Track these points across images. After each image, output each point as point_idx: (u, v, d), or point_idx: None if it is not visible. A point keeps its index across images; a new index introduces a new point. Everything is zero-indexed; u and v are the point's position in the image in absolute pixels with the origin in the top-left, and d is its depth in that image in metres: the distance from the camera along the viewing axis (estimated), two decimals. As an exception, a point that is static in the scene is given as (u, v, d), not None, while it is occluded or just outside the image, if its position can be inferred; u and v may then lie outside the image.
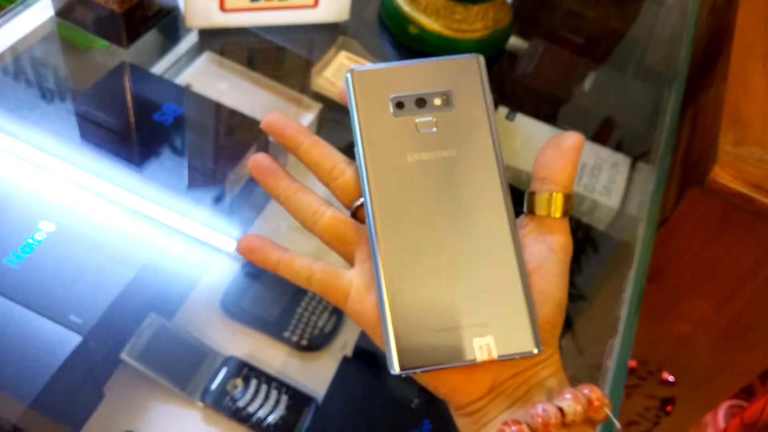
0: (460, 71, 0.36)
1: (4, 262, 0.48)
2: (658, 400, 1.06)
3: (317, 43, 0.78)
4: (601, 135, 0.81)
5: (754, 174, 0.68)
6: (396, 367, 0.32)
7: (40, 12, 0.69)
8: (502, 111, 0.78)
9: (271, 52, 0.76)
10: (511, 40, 0.86)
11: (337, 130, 0.56)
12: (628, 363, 0.62)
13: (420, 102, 0.35)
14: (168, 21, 0.72)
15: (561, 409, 0.31)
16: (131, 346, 0.52)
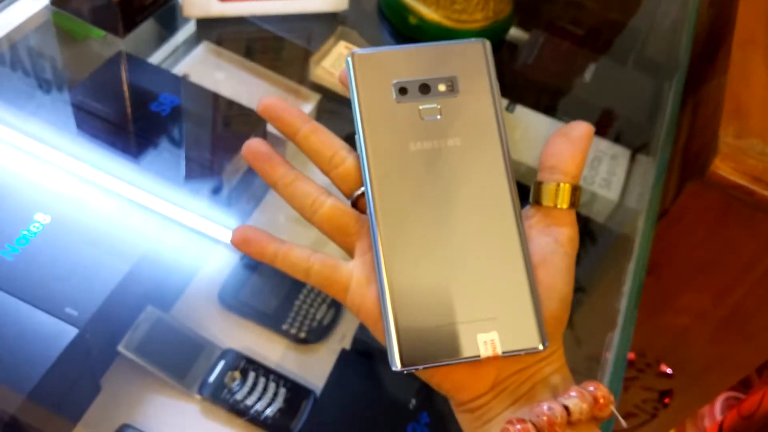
0: (465, 56, 0.35)
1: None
2: (656, 392, 1.06)
3: (316, 33, 0.77)
4: (601, 126, 0.80)
5: (754, 166, 0.68)
6: (397, 363, 0.31)
7: (35, 1, 0.69)
8: (502, 102, 0.77)
9: (269, 42, 0.76)
10: (512, 31, 0.86)
11: (336, 120, 0.56)
12: (627, 356, 0.62)
13: (424, 88, 0.34)
14: (165, 10, 0.72)
15: (566, 408, 0.30)
16: (128, 339, 0.51)
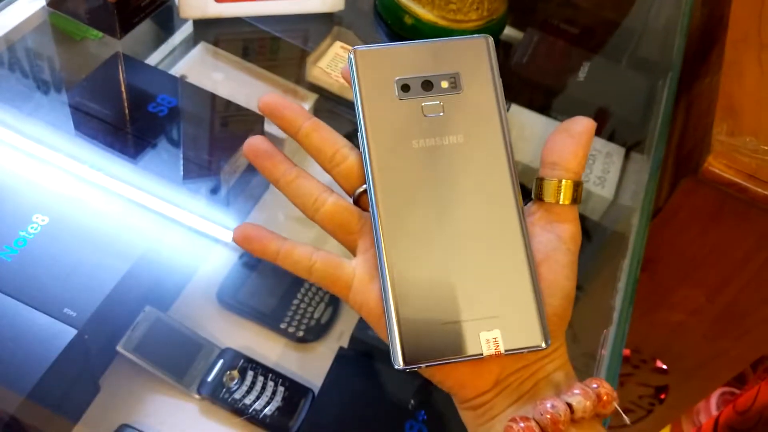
0: (468, 53, 0.35)
1: (-2, 256, 0.47)
2: (652, 388, 1.06)
3: (312, 34, 0.77)
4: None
5: (747, 164, 0.68)
6: (400, 361, 0.31)
7: (31, 2, 0.69)
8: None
9: (266, 43, 0.76)
10: (506, 30, 0.86)
11: (333, 120, 0.56)
12: (622, 352, 0.62)
13: (426, 85, 0.34)
14: (162, 11, 0.72)
15: (570, 405, 0.30)
16: (127, 339, 0.52)
